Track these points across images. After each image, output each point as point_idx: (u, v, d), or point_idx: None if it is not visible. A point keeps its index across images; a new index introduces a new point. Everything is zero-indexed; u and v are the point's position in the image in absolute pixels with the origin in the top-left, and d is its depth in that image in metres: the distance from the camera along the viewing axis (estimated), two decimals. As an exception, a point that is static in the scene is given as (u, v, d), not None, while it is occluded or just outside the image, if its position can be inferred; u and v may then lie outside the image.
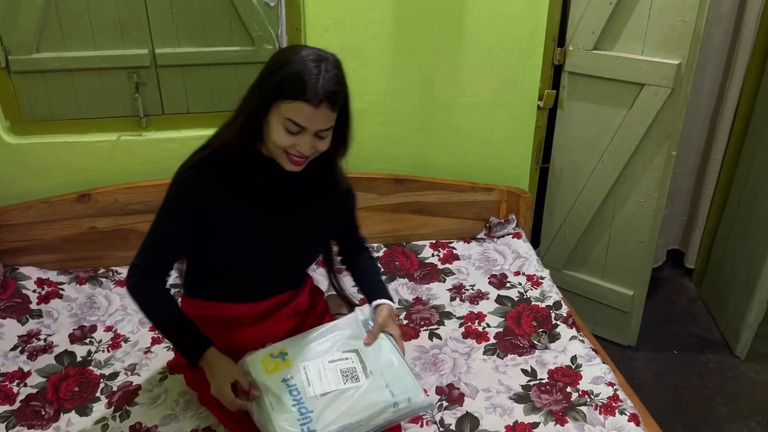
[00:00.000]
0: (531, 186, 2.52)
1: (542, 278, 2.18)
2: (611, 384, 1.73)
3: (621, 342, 2.66)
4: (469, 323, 1.99)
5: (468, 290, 2.15)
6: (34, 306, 2.01)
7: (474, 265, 2.27)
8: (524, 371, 1.80)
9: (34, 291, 2.05)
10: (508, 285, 2.17)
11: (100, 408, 1.66)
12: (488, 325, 1.99)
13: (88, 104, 2.13)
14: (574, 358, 1.83)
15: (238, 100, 1.41)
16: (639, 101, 2.22)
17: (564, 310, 2.02)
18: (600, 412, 1.64)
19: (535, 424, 1.62)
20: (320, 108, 1.31)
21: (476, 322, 2.00)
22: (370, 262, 1.72)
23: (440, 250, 2.34)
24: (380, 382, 1.43)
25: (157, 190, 2.00)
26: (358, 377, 1.44)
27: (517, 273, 2.22)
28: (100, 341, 1.91)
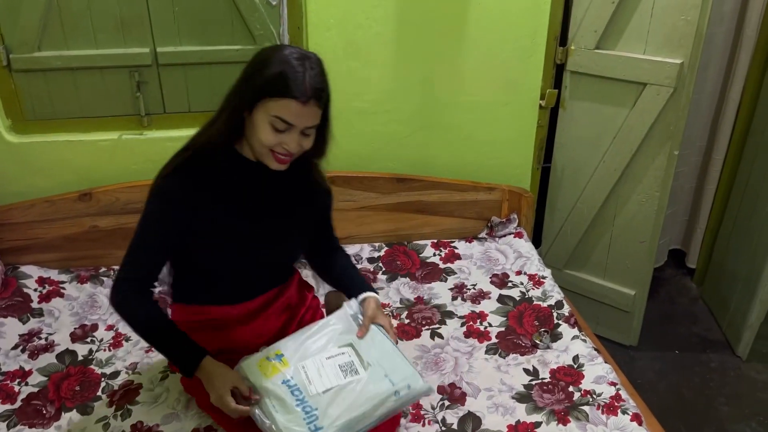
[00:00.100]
0: (533, 185, 2.52)
1: (544, 278, 2.18)
2: (613, 383, 1.73)
3: (622, 342, 2.65)
4: (471, 323, 1.99)
5: (469, 290, 2.14)
6: (35, 305, 2.01)
7: (475, 264, 2.27)
8: (526, 371, 1.80)
9: (36, 290, 2.05)
10: (509, 284, 2.17)
11: (101, 407, 1.66)
12: (490, 325, 1.99)
13: (89, 103, 2.13)
14: (576, 358, 1.83)
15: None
16: (641, 101, 2.22)
17: (566, 310, 2.02)
18: (602, 412, 1.64)
19: (538, 424, 1.61)
20: (308, 105, 1.32)
21: (478, 321, 2.00)
22: (346, 259, 1.71)
23: (442, 249, 2.34)
24: (379, 373, 1.44)
25: (158, 189, 1.99)
26: (357, 370, 1.44)
27: (518, 272, 2.22)
28: (101, 340, 1.90)
